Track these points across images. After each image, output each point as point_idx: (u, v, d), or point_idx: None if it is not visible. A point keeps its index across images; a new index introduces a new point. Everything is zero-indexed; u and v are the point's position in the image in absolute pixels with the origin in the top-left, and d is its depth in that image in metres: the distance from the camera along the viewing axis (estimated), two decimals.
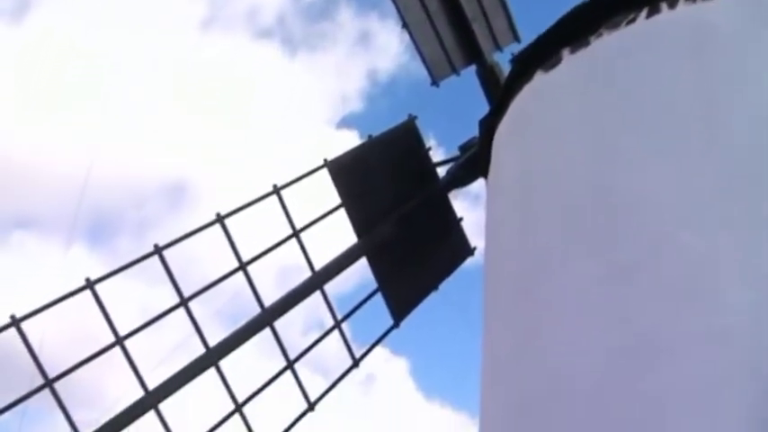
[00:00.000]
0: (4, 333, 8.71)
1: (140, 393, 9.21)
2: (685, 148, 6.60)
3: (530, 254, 7.40)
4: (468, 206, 11.75)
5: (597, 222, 6.79)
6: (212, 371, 9.62)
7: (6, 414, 8.71)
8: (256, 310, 9.99)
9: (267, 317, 9.90)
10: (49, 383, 8.70)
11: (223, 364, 9.68)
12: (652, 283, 6.21)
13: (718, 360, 5.57)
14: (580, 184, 7.17)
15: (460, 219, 11.29)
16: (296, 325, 12.86)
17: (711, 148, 6.49)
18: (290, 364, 10.01)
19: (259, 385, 9.88)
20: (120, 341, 9.10)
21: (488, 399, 7.56)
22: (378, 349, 11.03)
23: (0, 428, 8.92)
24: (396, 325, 10.85)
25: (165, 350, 9.78)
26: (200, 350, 9.62)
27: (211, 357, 9.56)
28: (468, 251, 11.27)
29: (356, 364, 10.59)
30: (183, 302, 9.48)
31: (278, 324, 10.02)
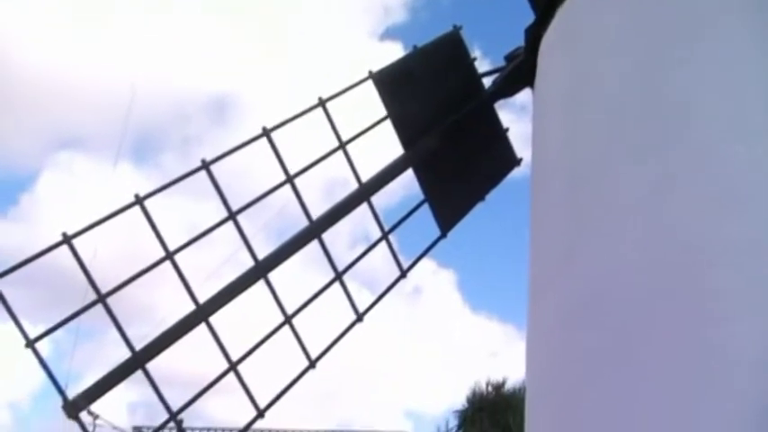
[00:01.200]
0: (57, 252, 8.85)
1: (191, 307, 9.36)
2: (736, 57, 6.46)
3: (576, 163, 7.35)
4: (515, 117, 11.67)
5: (644, 131, 6.71)
6: (261, 284, 9.74)
7: (60, 333, 8.92)
8: (303, 225, 10.05)
9: (315, 229, 9.96)
10: (101, 299, 8.87)
11: (271, 277, 9.79)
12: (697, 193, 6.17)
13: (762, 269, 5.56)
14: (628, 93, 7.06)
15: (506, 129, 11.20)
16: (342, 239, 12.97)
17: (764, 56, 6.36)
18: (338, 276, 10.10)
19: (307, 298, 9.99)
20: (170, 255, 9.23)
21: (536, 309, 7.62)
22: (425, 262, 11.09)
23: (54, 347, 9.16)
24: (443, 235, 10.87)
25: (214, 266, 9.91)
26: (248, 264, 9.72)
27: (260, 270, 9.67)
28: (515, 161, 11.21)
29: (404, 274, 10.66)
30: (232, 216, 9.56)
31: (325, 237, 10.09)
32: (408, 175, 10.76)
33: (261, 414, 9.54)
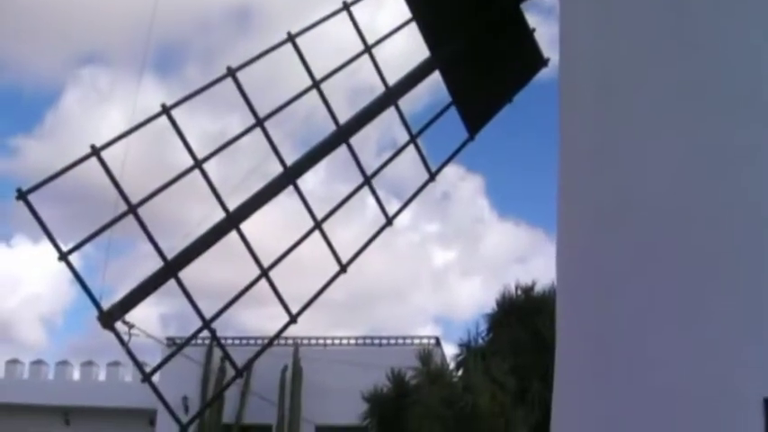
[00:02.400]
0: (86, 167, 8.86)
1: (221, 217, 9.39)
2: None
3: (606, 64, 7.24)
4: (541, 19, 11.47)
5: (675, 31, 6.60)
6: (289, 194, 9.76)
7: (91, 250, 8.99)
8: (329, 133, 10.02)
9: (342, 134, 9.92)
10: (132, 209, 8.90)
11: (300, 185, 9.80)
12: (729, 95, 6.08)
13: None
14: None
15: (533, 30, 11.02)
16: (369, 147, 12.95)
17: None
18: (367, 180, 10.09)
19: (336, 204, 10.01)
20: (198, 164, 9.23)
21: (566, 212, 7.60)
22: (453, 168, 11.07)
23: (86, 264, 9.24)
24: (471, 138, 10.80)
25: (241, 177, 9.92)
26: (276, 173, 9.72)
27: (289, 175, 9.67)
28: (542, 62, 11.06)
29: (433, 177, 10.64)
30: (259, 122, 9.53)
31: (352, 143, 10.05)
32: (434, 80, 10.68)
33: (293, 319, 9.63)
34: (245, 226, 9.43)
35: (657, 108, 6.48)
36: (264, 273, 9.42)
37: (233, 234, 9.43)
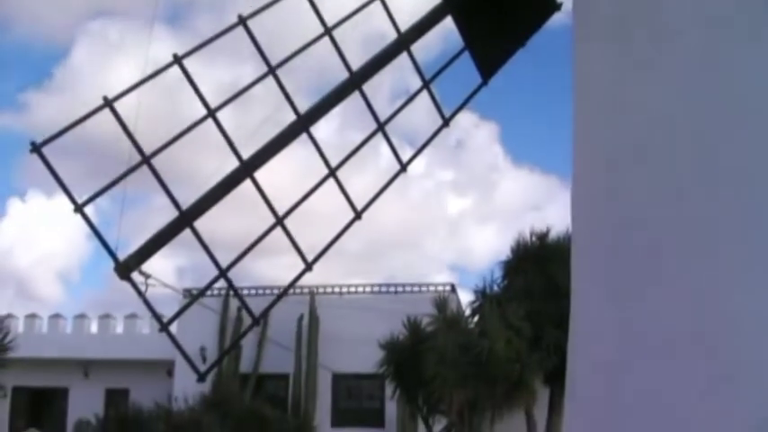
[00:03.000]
0: (99, 121, 8.84)
1: (233, 167, 9.39)
2: None
3: (620, 4, 7.16)
4: None
5: None
6: (303, 139, 9.74)
7: (105, 203, 9.00)
8: (341, 81, 9.98)
9: (355, 80, 9.87)
10: (146, 159, 8.91)
11: (313, 133, 9.79)
12: (750, 32, 6.02)
13: None
14: None
15: None
16: (382, 95, 12.91)
17: None
18: (380, 126, 10.07)
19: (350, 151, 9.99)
20: (211, 113, 9.22)
21: (581, 155, 7.55)
22: (467, 115, 11.04)
23: (101, 218, 9.26)
24: (484, 83, 10.74)
25: (254, 127, 9.91)
26: (289, 122, 9.70)
27: (302, 122, 9.65)
28: (555, 6, 10.95)
29: (446, 123, 10.60)
30: (272, 70, 9.49)
31: (366, 90, 10.01)
32: (446, 29, 10.60)
33: (309, 267, 9.67)
34: (258, 175, 9.43)
35: (675, 48, 6.41)
36: (279, 221, 9.44)
37: (245, 187, 9.43)
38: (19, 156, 46.99)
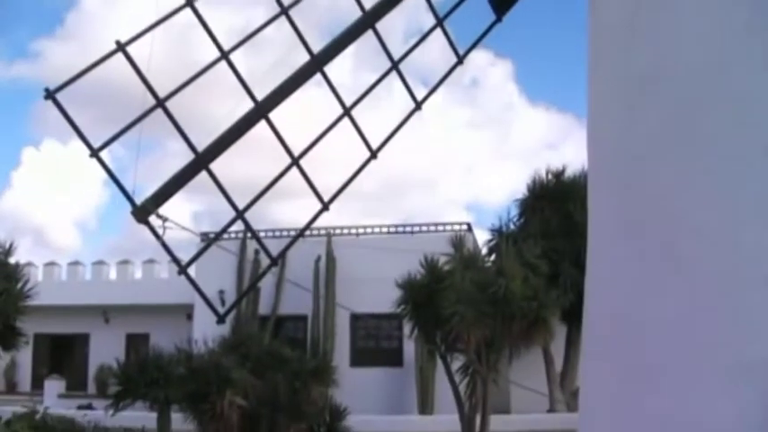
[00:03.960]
0: (112, 67, 8.82)
1: (248, 108, 9.37)
2: None
3: None
4: None
5: None
6: (317, 80, 9.71)
7: (120, 150, 8.99)
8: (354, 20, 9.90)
9: (368, 18, 9.78)
10: (160, 103, 8.90)
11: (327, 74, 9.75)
12: None
13: None
14: None
15: None
16: (396, 35, 12.80)
17: None
18: (394, 65, 10.01)
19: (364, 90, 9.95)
20: (225, 55, 9.19)
21: (596, 90, 7.49)
22: (481, 53, 10.96)
23: (116, 165, 9.26)
24: (498, 19, 10.61)
25: (268, 68, 9.86)
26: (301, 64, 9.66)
27: (316, 63, 9.60)
28: None
29: (460, 60, 10.53)
30: (284, 11, 9.44)
31: (379, 29, 9.93)
32: None
33: (325, 207, 9.68)
34: (273, 117, 9.41)
35: None
36: (295, 161, 9.44)
37: (259, 133, 9.42)
38: (33, 105, 47.04)
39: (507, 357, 24.03)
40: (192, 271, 9.76)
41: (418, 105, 10.23)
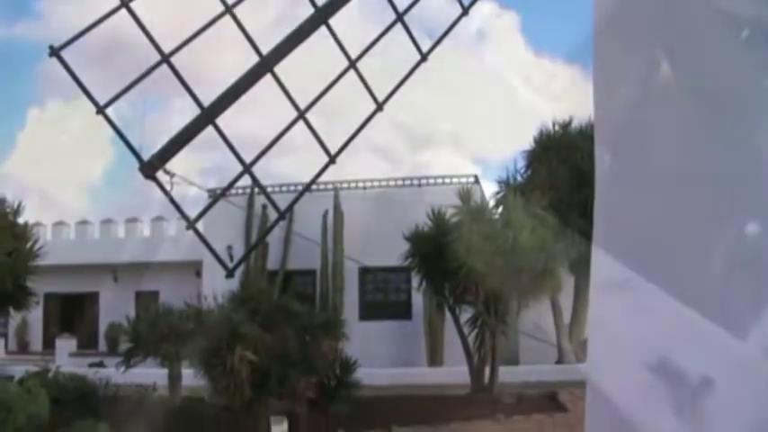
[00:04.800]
0: (115, 25, 8.76)
1: (254, 60, 9.34)
2: None
3: None
4: None
5: None
6: (323, 31, 9.65)
7: (126, 108, 8.95)
8: None
9: None
10: (165, 58, 8.86)
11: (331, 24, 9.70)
12: None
13: None
14: None
15: None
16: None
17: None
18: (399, 17, 9.95)
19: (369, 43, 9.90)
20: (228, 9, 9.14)
21: (601, 41, 7.43)
22: (488, 4, 10.88)
23: (122, 124, 9.24)
24: None
25: (271, 24, 9.82)
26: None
27: (320, 16, 9.55)
28: None
29: (466, 12, 10.45)
30: None
31: None
32: None
33: (332, 159, 9.65)
34: (279, 68, 9.37)
35: None
36: (301, 114, 9.41)
37: (263, 90, 9.38)
38: (37, 65, 46.85)
39: (516, 309, 24.12)
40: (200, 227, 9.77)
41: (424, 57, 10.16)
